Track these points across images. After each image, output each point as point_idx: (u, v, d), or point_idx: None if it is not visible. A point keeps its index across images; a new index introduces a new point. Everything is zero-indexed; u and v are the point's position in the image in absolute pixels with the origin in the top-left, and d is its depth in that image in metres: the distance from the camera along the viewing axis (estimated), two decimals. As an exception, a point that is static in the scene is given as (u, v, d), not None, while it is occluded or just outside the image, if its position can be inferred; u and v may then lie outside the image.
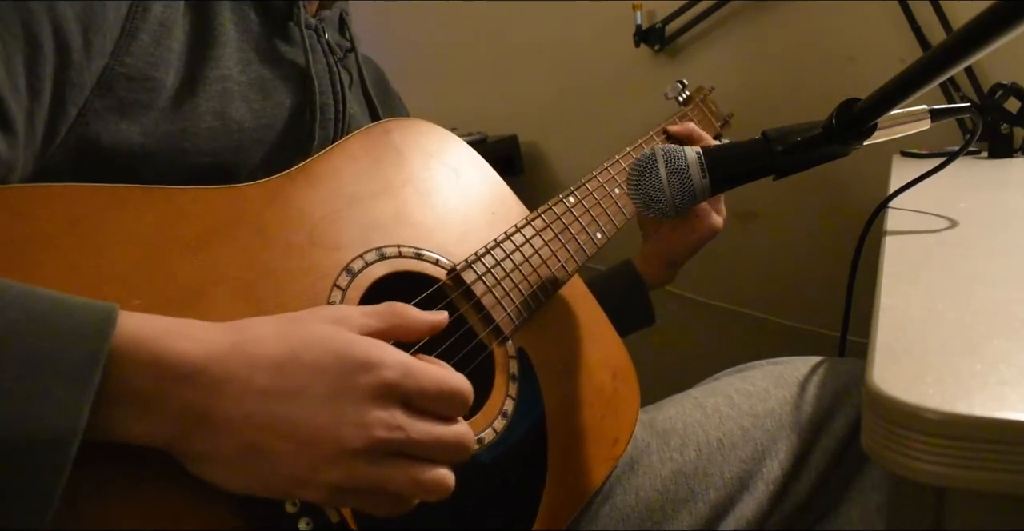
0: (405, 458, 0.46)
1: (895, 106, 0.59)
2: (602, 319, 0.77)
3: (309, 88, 0.66)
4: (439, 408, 0.48)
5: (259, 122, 0.62)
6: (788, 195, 1.56)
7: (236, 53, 0.61)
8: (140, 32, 0.54)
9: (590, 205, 0.80)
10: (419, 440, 0.46)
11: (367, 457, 0.44)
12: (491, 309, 0.65)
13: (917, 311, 0.48)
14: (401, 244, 0.62)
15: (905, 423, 0.35)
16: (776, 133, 0.66)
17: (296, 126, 0.65)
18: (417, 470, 0.46)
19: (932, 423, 0.35)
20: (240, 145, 0.60)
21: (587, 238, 0.78)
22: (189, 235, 0.50)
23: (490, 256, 0.67)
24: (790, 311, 1.65)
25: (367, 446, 0.44)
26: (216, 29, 0.59)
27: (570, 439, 0.67)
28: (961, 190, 0.92)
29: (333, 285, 0.55)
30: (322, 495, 0.45)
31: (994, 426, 0.34)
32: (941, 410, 0.35)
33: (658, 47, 1.59)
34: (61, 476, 0.36)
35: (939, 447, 0.35)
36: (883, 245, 0.66)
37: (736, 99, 1.22)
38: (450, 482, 0.47)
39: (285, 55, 0.66)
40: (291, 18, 0.66)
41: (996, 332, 0.43)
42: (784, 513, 0.73)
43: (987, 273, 0.57)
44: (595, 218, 0.80)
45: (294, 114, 0.65)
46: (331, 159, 0.61)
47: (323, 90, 0.68)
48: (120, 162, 0.54)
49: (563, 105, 1.74)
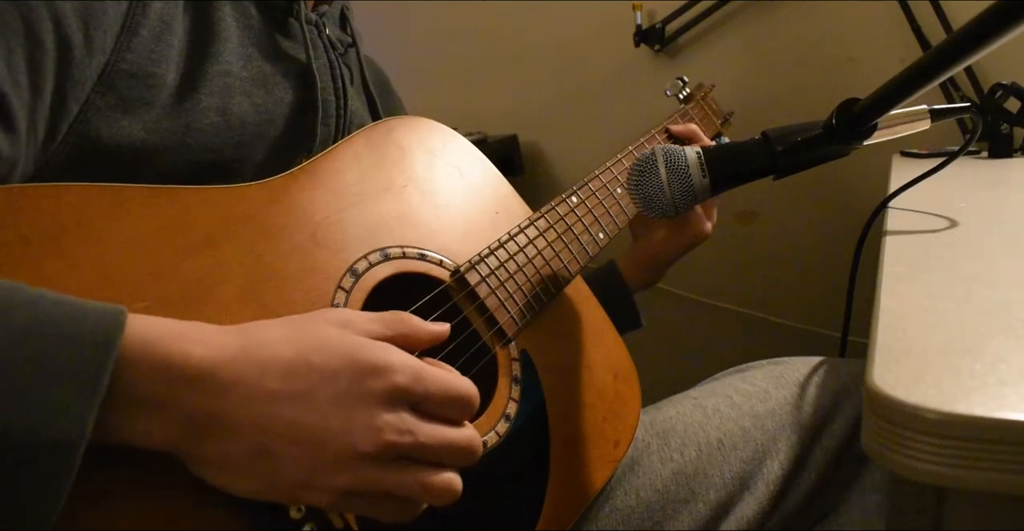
0: (413, 462, 0.46)
1: (895, 106, 0.59)
2: (604, 320, 0.77)
3: (311, 84, 0.66)
4: (447, 412, 0.48)
5: (261, 117, 0.62)
6: (788, 195, 1.57)
7: (237, 48, 0.61)
8: (141, 28, 0.54)
9: (593, 205, 0.80)
10: (428, 444, 0.46)
11: (376, 461, 0.44)
12: (495, 311, 0.64)
13: (917, 311, 0.48)
14: (405, 245, 0.62)
15: (905, 423, 0.35)
16: (776, 133, 0.66)
17: (298, 122, 0.66)
18: (425, 474, 0.46)
19: (932, 423, 0.35)
20: (242, 140, 0.60)
21: (590, 238, 0.78)
22: (193, 236, 0.49)
23: (494, 257, 0.67)
24: (790, 311, 1.65)
25: (377, 450, 0.44)
26: (217, 25, 0.59)
27: (572, 441, 0.67)
28: (961, 190, 0.92)
29: (337, 286, 0.55)
30: (329, 499, 0.44)
31: (994, 426, 0.34)
32: (941, 410, 0.35)
33: (658, 47, 1.59)
34: (67, 479, 0.36)
35: (939, 447, 0.35)
36: (883, 245, 0.66)
37: (736, 99, 1.22)
38: (458, 486, 0.47)
39: (286, 51, 0.66)
40: (292, 14, 0.66)
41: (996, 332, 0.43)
42: (784, 513, 0.73)
43: (987, 273, 0.57)
44: (597, 218, 0.80)
45: (295, 110, 0.65)
46: (334, 158, 0.61)
47: (324, 86, 0.68)
48: (123, 159, 0.54)
49: (563, 105, 1.74)
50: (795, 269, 1.63)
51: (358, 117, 0.74)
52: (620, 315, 0.87)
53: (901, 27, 1.38)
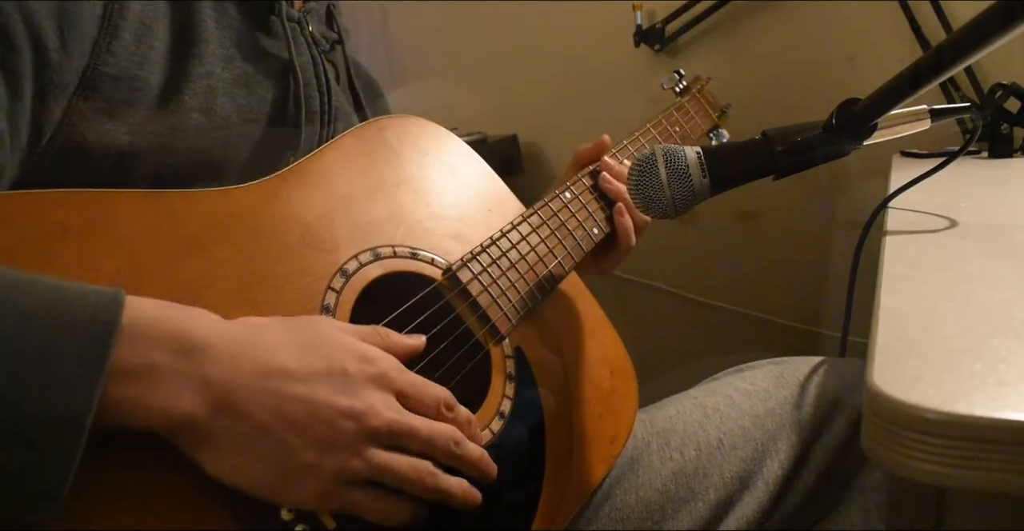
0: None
1: (895, 106, 0.59)
2: (600, 316, 0.77)
3: (293, 81, 0.66)
4: (424, 409, 0.51)
5: (244, 117, 0.62)
6: (788, 195, 1.56)
7: (218, 50, 0.61)
8: (121, 31, 0.53)
9: (587, 201, 0.80)
10: (417, 426, 0.49)
11: (381, 442, 0.47)
12: (487, 308, 0.64)
13: (917, 311, 0.48)
14: (396, 244, 0.62)
15: (905, 423, 0.35)
16: (776, 133, 0.66)
17: (281, 120, 0.66)
18: (416, 459, 0.49)
19: (932, 423, 0.35)
20: (228, 141, 0.61)
21: (584, 233, 0.77)
22: (182, 239, 0.49)
23: (485, 254, 0.67)
24: (789, 311, 1.65)
25: (385, 427, 0.47)
26: (197, 27, 0.59)
27: (568, 438, 0.67)
28: (961, 190, 0.92)
29: (327, 287, 0.55)
30: (327, 488, 0.45)
31: (994, 426, 0.34)
32: (941, 410, 0.35)
33: (658, 47, 1.59)
34: (74, 455, 0.37)
35: (939, 447, 0.35)
36: (883, 245, 0.66)
37: (736, 99, 1.22)
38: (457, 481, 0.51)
39: (268, 49, 0.66)
40: (273, 12, 0.66)
41: (996, 332, 0.43)
42: (784, 513, 0.73)
43: (987, 273, 0.57)
44: (592, 214, 0.80)
45: (279, 108, 0.65)
46: (324, 158, 0.61)
47: (307, 82, 0.68)
48: (108, 163, 0.54)
49: (563, 105, 1.74)
50: (795, 269, 1.63)
51: (343, 114, 0.74)
52: None
53: (901, 27, 1.38)
